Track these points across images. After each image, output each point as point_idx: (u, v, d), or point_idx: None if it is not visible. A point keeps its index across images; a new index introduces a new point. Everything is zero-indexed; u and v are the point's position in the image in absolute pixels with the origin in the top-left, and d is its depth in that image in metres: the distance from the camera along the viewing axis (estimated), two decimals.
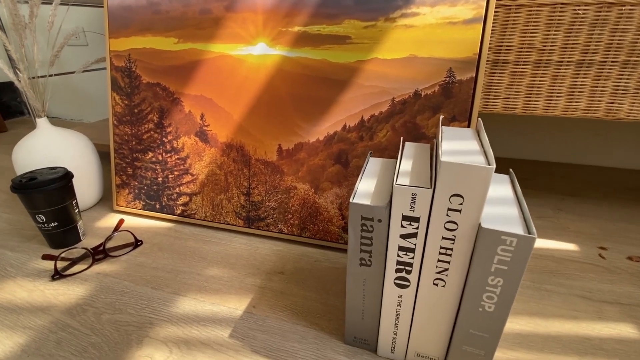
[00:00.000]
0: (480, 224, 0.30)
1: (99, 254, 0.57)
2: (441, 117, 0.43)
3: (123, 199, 0.72)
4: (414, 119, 0.53)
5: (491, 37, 0.54)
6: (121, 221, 0.66)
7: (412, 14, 0.50)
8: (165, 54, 0.63)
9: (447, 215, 0.31)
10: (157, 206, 0.69)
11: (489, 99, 0.58)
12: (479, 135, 0.38)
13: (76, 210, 0.61)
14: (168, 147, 0.66)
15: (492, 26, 0.54)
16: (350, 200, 0.34)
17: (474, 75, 0.49)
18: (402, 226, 0.33)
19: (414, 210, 0.32)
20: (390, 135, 0.54)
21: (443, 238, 0.32)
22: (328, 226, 0.59)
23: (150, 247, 0.61)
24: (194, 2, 0.59)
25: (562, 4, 0.54)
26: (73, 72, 0.93)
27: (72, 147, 0.68)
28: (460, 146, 0.35)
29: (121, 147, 0.70)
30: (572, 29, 0.55)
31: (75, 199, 0.61)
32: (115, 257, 0.58)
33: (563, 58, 0.57)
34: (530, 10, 0.55)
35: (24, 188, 0.55)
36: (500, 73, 0.57)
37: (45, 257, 0.56)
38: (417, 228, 0.33)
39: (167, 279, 0.53)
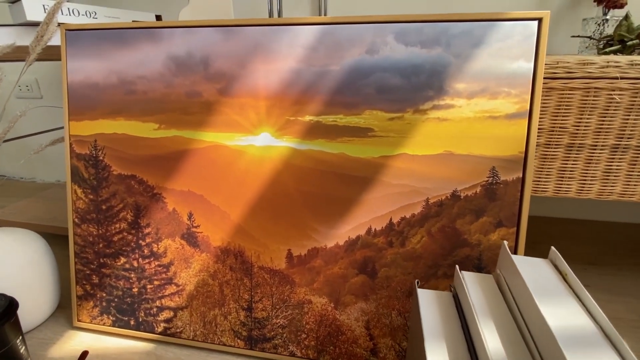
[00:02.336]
0: None
1: None
2: (505, 243, 0.36)
3: (86, 314, 0.58)
4: (453, 223, 0.45)
5: None
6: (84, 354, 0.52)
7: (445, 106, 0.44)
8: (142, 142, 0.52)
9: None
10: (132, 322, 0.56)
11: None
12: (560, 273, 0.31)
13: (22, 350, 0.47)
14: (146, 251, 0.54)
15: None
16: None
17: (521, 175, 0.43)
18: None
19: None
20: (426, 242, 0.46)
21: None
22: (353, 348, 0.50)
23: None
24: (178, 83, 0.50)
25: (596, 88, 0.50)
26: (24, 136, 0.79)
27: (18, 253, 0.54)
28: (559, 310, 0.27)
29: (84, 250, 0.57)
30: (606, 113, 0.51)
31: (22, 334, 0.47)
32: None
33: (597, 142, 0.53)
34: (562, 94, 0.51)
35: None
36: None
37: None
38: None
39: None
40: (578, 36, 0.66)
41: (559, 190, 0.56)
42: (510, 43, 0.42)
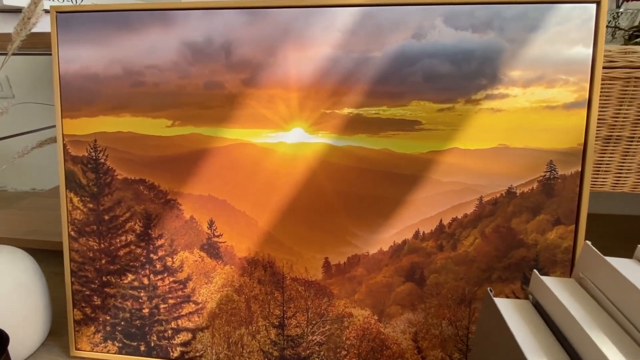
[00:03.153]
0: None
1: None
2: (588, 243, 0.33)
3: (86, 341, 0.50)
4: (509, 222, 0.42)
5: None
6: None
7: (499, 96, 0.41)
8: (153, 141, 0.46)
9: None
10: (143, 348, 0.49)
11: None
12: None
13: None
14: (158, 266, 0.48)
15: None
16: None
17: (580, 169, 0.41)
18: None
19: None
20: (479, 244, 0.43)
21: None
22: None
23: None
24: (195, 73, 0.44)
25: (636, 77, 0.49)
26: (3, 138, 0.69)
27: (4, 275, 0.46)
28: None
29: (82, 267, 0.49)
30: None
31: None
32: None
33: (634, 134, 0.51)
34: (603, 84, 0.49)
35: None
36: None
37: None
38: None
39: None
40: (608, 26, 0.65)
41: (595, 184, 0.55)
42: (568, 27, 0.39)
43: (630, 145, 0.52)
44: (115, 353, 0.50)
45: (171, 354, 0.49)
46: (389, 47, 0.41)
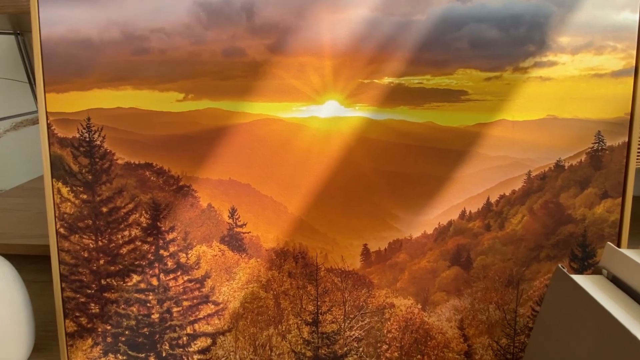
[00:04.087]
0: None
1: None
2: None
3: (82, 356, 0.43)
4: (557, 197, 0.40)
5: None
6: None
7: (548, 63, 0.38)
8: (161, 118, 0.39)
9: None
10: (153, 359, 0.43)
11: None
12: None
13: None
14: (170, 263, 0.41)
15: None
16: None
17: (627, 140, 0.39)
18: None
19: None
20: (527, 221, 0.41)
21: None
22: (444, 354, 0.42)
23: None
24: (211, 38, 0.38)
25: None
26: None
27: None
28: None
29: (75, 270, 0.42)
30: None
31: None
32: None
33: None
34: None
35: None
36: None
37: None
38: None
39: None
40: None
41: None
42: None
43: None
44: None
45: None
46: (433, 9, 0.38)
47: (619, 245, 0.41)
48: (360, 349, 0.43)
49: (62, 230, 0.41)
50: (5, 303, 0.40)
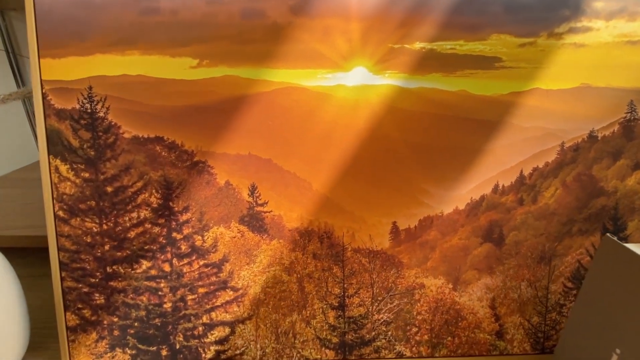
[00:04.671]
0: None
1: None
2: None
3: (85, 352, 0.39)
4: (590, 169, 0.39)
5: None
6: None
7: (583, 29, 0.37)
8: (173, 87, 0.36)
9: None
10: (165, 353, 0.40)
11: None
12: None
13: None
14: (184, 247, 0.38)
15: None
16: None
17: None
18: None
19: None
20: (560, 194, 0.39)
21: None
22: (475, 335, 0.41)
23: None
24: None
25: None
26: None
27: None
28: None
29: (77, 258, 0.38)
30: None
31: None
32: None
33: None
34: None
35: None
36: None
37: None
38: None
39: None
40: None
41: None
42: None
43: None
44: None
45: (203, 355, 0.40)
46: None
47: None
48: (389, 333, 0.41)
49: (61, 213, 0.37)
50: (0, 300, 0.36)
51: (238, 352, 0.40)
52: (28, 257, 0.58)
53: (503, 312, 0.41)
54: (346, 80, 0.37)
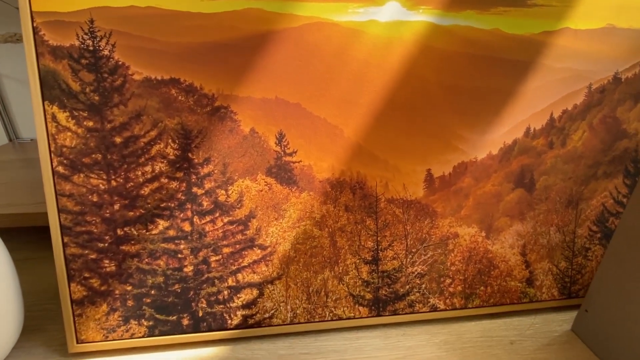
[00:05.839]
0: None
1: None
2: None
3: (94, 327, 0.35)
4: (614, 112, 0.40)
5: None
6: None
7: None
8: (189, 21, 0.32)
9: None
10: (186, 322, 0.36)
11: None
12: None
13: None
14: (205, 203, 0.35)
15: None
16: None
17: None
18: None
19: None
20: (587, 137, 0.39)
21: None
22: (506, 283, 0.41)
23: None
24: None
25: None
26: None
27: None
28: None
29: (81, 220, 0.33)
30: None
31: None
32: None
33: None
34: None
35: None
36: None
37: None
38: None
39: None
40: None
41: None
42: None
43: None
44: (143, 336, 0.36)
45: (229, 321, 0.37)
46: None
47: None
48: (423, 286, 0.40)
49: (60, 168, 0.33)
50: None
51: (267, 315, 0.38)
52: (13, 241, 0.52)
53: (533, 259, 0.41)
54: (379, 15, 0.34)
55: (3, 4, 0.68)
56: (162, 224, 0.35)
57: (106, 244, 0.34)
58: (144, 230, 0.35)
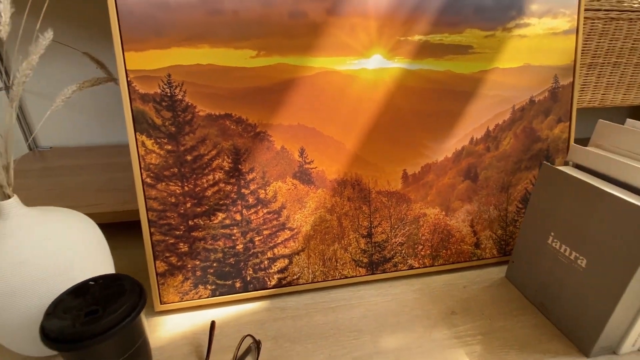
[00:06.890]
0: None
1: None
2: (601, 121, 0.48)
3: (173, 292, 0.49)
4: (531, 123, 0.57)
5: None
6: (213, 324, 0.45)
7: (524, 25, 0.53)
8: (237, 73, 0.45)
9: None
10: (238, 285, 0.51)
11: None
12: None
13: (147, 347, 0.38)
14: (251, 200, 0.49)
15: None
16: None
17: (572, 79, 0.57)
18: None
19: None
20: (512, 142, 0.56)
21: None
22: (461, 246, 0.58)
23: (275, 344, 0.45)
24: (278, 1, 0.45)
25: (611, 18, 0.67)
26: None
27: (79, 237, 0.42)
28: None
29: (163, 215, 0.47)
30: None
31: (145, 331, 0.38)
32: None
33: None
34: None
35: (88, 337, 0.31)
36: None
37: None
38: None
39: None
40: None
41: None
42: None
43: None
44: (208, 297, 0.50)
45: (268, 283, 0.52)
46: None
47: (566, 154, 0.59)
48: (403, 251, 0.56)
49: (148, 180, 0.46)
50: (99, 256, 0.44)
51: (295, 277, 0.53)
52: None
53: (478, 229, 0.58)
54: (367, 65, 0.49)
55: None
56: (220, 215, 0.49)
57: (181, 232, 0.48)
58: (208, 221, 0.49)
